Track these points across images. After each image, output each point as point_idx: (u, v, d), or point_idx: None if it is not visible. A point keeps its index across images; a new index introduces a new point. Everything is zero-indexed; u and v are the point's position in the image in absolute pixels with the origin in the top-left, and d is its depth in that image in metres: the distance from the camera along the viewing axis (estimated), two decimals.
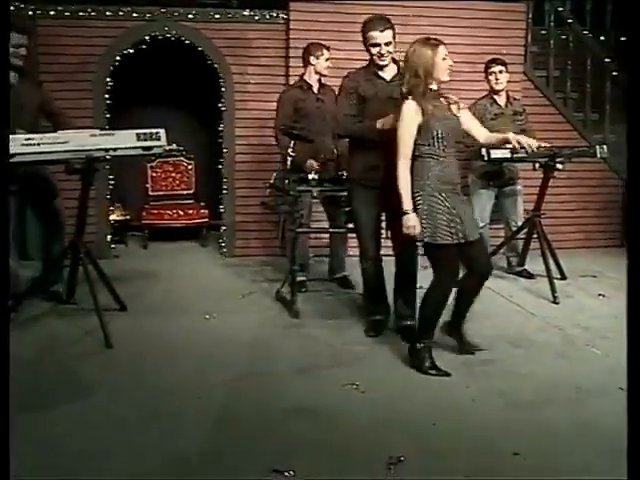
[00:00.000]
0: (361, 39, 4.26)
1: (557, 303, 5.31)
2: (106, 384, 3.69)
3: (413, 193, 3.83)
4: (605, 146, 5.78)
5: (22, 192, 4.69)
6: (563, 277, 5.90)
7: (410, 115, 3.81)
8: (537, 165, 5.75)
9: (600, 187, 7.32)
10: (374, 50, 4.19)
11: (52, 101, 5.01)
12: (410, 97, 3.84)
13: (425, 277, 5.90)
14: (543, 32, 7.25)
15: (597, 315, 5.07)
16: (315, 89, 5.50)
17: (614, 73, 7.25)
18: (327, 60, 5.45)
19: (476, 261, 4.00)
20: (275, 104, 5.61)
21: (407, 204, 3.80)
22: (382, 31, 4.15)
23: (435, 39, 3.90)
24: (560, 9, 7.28)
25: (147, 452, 2.98)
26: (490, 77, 5.92)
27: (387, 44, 4.16)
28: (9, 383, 2.28)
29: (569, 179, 6.69)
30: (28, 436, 3.02)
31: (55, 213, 4.96)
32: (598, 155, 5.67)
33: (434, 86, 3.88)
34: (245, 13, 6.63)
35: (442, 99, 3.97)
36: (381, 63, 4.22)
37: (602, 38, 7.60)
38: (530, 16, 7.00)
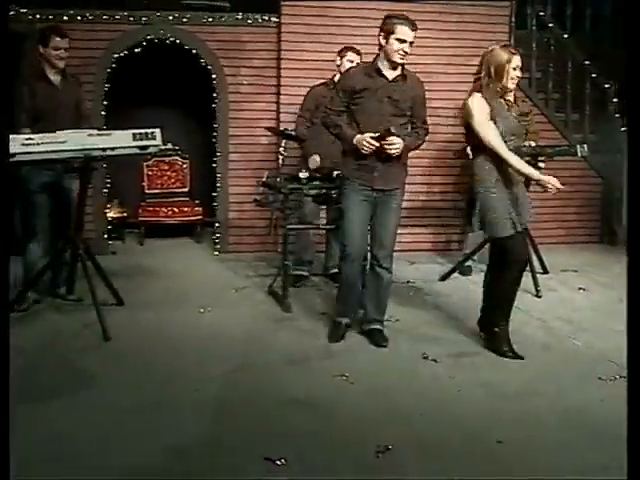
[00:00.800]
0: (377, 32, 4.17)
1: (540, 297, 5.48)
2: (105, 376, 3.77)
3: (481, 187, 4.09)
4: (585, 145, 5.90)
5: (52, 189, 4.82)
6: (545, 272, 6.07)
7: (481, 106, 4.04)
8: None
9: (580, 185, 7.48)
10: (398, 45, 4.06)
11: (84, 103, 5.20)
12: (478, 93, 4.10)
13: (413, 272, 6.11)
14: (525, 35, 7.41)
15: (578, 308, 5.24)
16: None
17: (593, 75, 7.43)
18: (350, 61, 5.48)
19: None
20: (265, 104, 5.73)
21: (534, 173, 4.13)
22: (413, 30, 4.10)
23: (514, 48, 4.18)
24: (541, 13, 7.46)
25: (145, 442, 3.05)
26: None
27: (411, 44, 4.11)
28: (9, 383, 2.33)
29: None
30: (29, 427, 3.06)
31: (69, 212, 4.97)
32: (579, 154, 5.79)
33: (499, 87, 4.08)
34: (238, 17, 6.77)
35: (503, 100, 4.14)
36: (398, 61, 4.12)
37: (582, 40, 7.77)
38: (512, 20, 7.14)
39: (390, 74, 4.18)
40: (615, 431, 3.18)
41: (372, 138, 4.05)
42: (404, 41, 4.07)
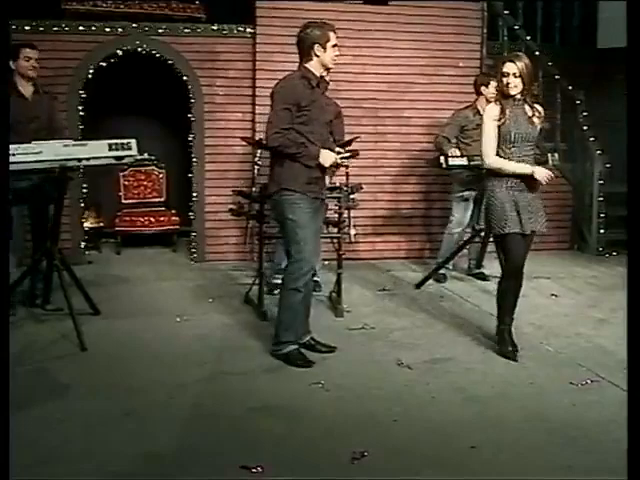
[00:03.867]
0: (308, 45, 4.07)
1: None
2: (80, 385, 3.76)
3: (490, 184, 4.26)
4: (556, 154, 6.05)
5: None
6: None
7: (491, 114, 4.26)
8: None
9: (552, 193, 7.53)
10: (335, 51, 4.08)
11: (57, 115, 5.20)
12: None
13: (388, 279, 6.17)
14: (497, 46, 7.54)
15: (549, 314, 5.30)
16: None
17: (564, 84, 7.58)
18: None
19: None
20: (240, 114, 5.77)
21: (527, 168, 4.22)
22: (335, 32, 4.12)
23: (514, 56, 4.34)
24: (516, 27, 7.58)
25: (119, 450, 3.03)
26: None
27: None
28: (9, 384, 2.37)
29: None
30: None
31: (47, 219, 4.96)
32: (550, 162, 5.85)
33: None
34: (214, 27, 6.83)
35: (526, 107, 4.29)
36: (332, 66, 4.18)
37: (552, 52, 7.87)
38: (484, 31, 7.26)
39: (320, 83, 4.17)
40: (586, 434, 3.27)
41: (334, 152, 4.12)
42: (335, 45, 4.09)
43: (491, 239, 5.93)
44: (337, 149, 4.14)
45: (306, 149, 4.01)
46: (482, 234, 5.96)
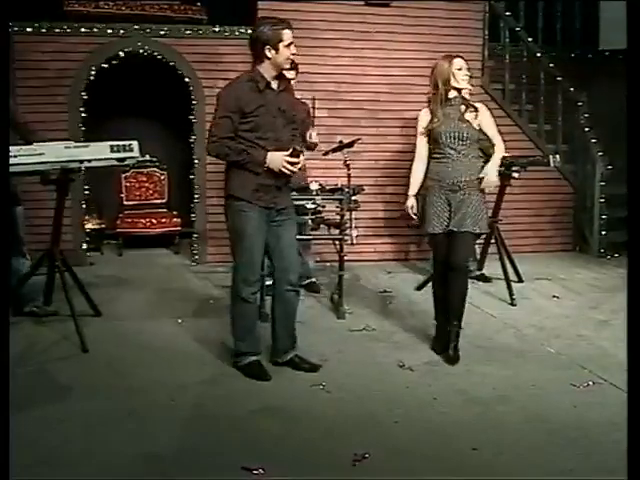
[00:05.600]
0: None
1: (514, 305, 5.55)
2: (81, 386, 3.77)
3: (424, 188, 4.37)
4: (558, 155, 6.03)
5: None
6: (520, 280, 6.14)
7: (422, 119, 4.36)
8: None
9: (553, 194, 7.62)
10: (289, 51, 3.84)
11: (17, 111, 5.07)
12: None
13: (388, 281, 6.17)
14: (499, 48, 7.55)
15: (551, 315, 5.30)
16: None
17: (566, 85, 7.58)
18: None
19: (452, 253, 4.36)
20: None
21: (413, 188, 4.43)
22: (291, 30, 3.89)
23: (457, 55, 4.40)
24: (517, 29, 7.59)
25: (121, 451, 3.05)
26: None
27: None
28: (9, 385, 2.36)
29: (524, 187, 6.95)
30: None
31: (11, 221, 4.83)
32: (551, 164, 5.90)
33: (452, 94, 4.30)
34: (215, 29, 6.84)
35: (461, 106, 4.33)
36: (288, 67, 3.99)
37: (553, 54, 7.93)
38: (486, 33, 7.28)
39: (275, 84, 3.91)
40: (587, 436, 3.26)
41: (287, 156, 3.83)
42: (291, 44, 3.84)
43: (493, 240, 5.97)
44: (291, 149, 3.82)
45: (249, 155, 3.80)
46: (483, 236, 5.90)
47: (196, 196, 6.98)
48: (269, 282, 5.49)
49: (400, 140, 7.14)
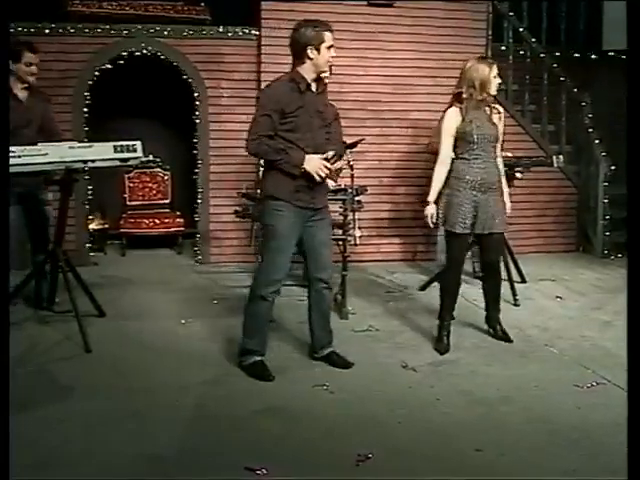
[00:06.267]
0: (301, 45, 3.84)
1: (518, 305, 5.55)
2: (85, 387, 3.77)
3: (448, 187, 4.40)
4: (561, 156, 6.00)
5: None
6: (523, 280, 6.14)
7: (452, 118, 4.39)
8: None
9: (557, 195, 7.62)
10: (329, 53, 3.88)
11: (52, 118, 5.08)
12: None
13: (392, 281, 6.16)
14: (502, 48, 7.54)
15: (554, 316, 5.30)
16: None
17: (569, 86, 7.57)
18: None
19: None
20: (245, 116, 5.77)
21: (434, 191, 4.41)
22: (332, 32, 3.92)
23: (491, 59, 4.53)
24: (521, 29, 7.59)
25: (123, 450, 3.06)
26: None
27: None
28: (9, 385, 2.37)
29: (528, 187, 6.95)
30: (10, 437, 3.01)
31: (42, 219, 5.02)
32: (555, 165, 5.88)
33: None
34: (219, 30, 6.84)
35: (487, 108, 4.43)
36: (327, 69, 3.97)
37: (557, 54, 7.95)
38: (489, 33, 7.26)
39: (315, 86, 3.94)
40: (591, 437, 3.27)
41: (324, 159, 3.84)
42: (331, 47, 3.87)
43: None
44: (328, 153, 3.86)
45: (287, 156, 3.81)
46: None
47: (199, 196, 6.98)
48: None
49: (404, 140, 7.15)
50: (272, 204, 3.92)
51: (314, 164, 3.81)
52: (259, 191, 4.22)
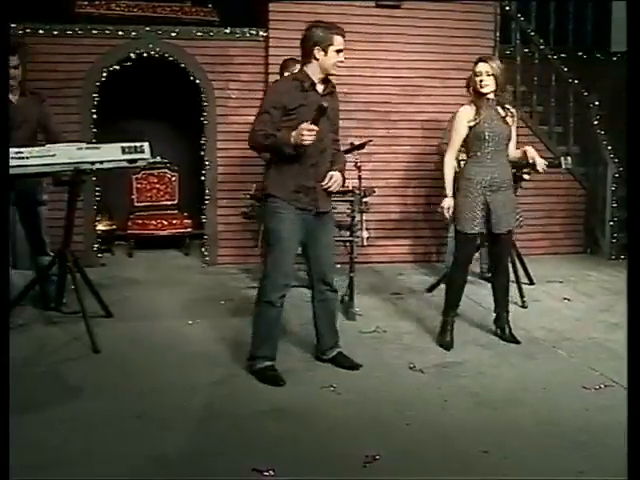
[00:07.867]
0: (308, 45, 3.88)
1: (525, 307, 5.54)
2: (92, 387, 3.77)
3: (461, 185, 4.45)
4: (569, 157, 5.96)
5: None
6: (531, 282, 6.13)
7: (463, 115, 4.44)
8: None
9: (565, 196, 7.60)
10: (337, 56, 3.88)
11: (50, 118, 5.06)
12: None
13: (399, 283, 6.16)
14: (510, 50, 7.55)
15: (562, 318, 5.29)
16: None
17: (577, 87, 7.56)
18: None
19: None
20: (253, 118, 5.79)
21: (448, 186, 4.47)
22: (344, 37, 3.95)
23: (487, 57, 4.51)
24: (529, 31, 7.59)
25: (131, 451, 3.05)
26: None
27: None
28: (9, 385, 2.38)
29: (535, 189, 6.94)
30: (17, 438, 2.90)
31: (36, 220, 4.99)
32: (563, 166, 5.83)
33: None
34: (226, 31, 6.86)
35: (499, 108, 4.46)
36: (335, 72, 3.94)
37: (563, 55, 7.92)
38: (497, 34, 7.26)
39: (321, 87, 3.93)
40: (598, 439, 3.24)
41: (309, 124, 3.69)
42: (340, 50, 3.88)
43: None
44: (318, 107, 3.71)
45: (274, 138, 3.77)
46: None
47: (207, 197, 6.99)
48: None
49: (411, 142, 7.14)
50: (272, 204, 3.90)
51: (301, 132, 3.68)
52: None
